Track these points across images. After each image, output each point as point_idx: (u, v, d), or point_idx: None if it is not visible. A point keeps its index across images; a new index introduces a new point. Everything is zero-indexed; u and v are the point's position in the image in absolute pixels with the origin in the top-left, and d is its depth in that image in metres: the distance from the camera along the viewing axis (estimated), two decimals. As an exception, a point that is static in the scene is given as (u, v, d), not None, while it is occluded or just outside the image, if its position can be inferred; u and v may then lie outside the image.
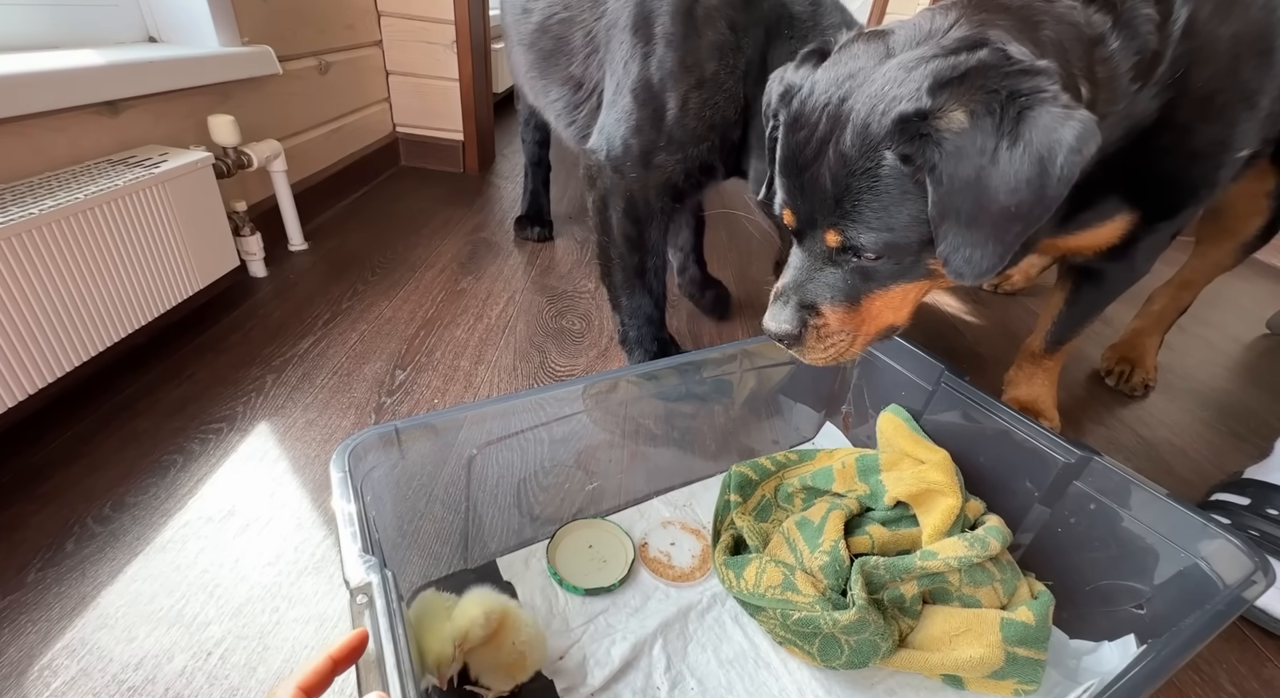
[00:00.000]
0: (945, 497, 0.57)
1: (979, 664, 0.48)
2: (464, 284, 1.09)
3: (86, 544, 0.54)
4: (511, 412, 0.56)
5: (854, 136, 0.37)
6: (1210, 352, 1.11)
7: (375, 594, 0.35)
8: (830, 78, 0.39)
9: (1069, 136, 0.31)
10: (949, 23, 0.37)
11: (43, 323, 0.61)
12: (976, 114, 0.32)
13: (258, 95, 1.06)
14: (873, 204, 0.38)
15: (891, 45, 0.37)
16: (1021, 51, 0.33)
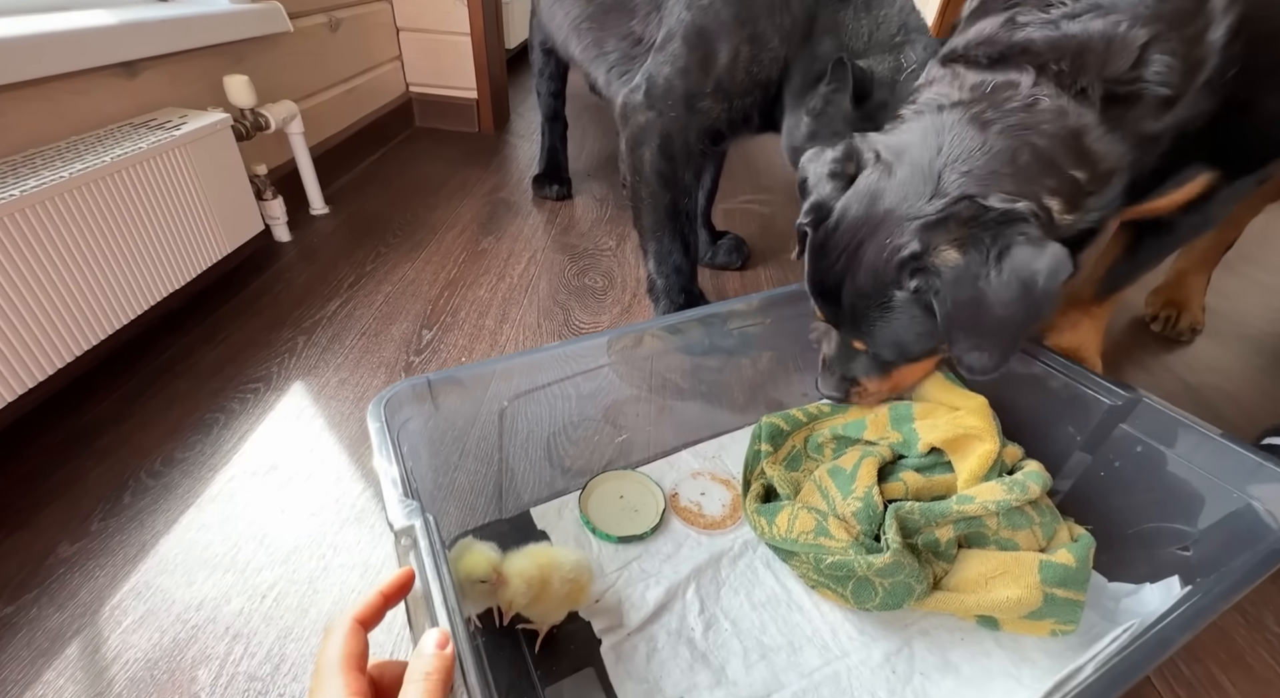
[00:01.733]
0: (982, 442, 0.56)
1: (1016, 605, 0.47)
2: (485, 244, 1.09)
3: (142, 496, 0.57)
4: (540, 365, 0.56)
5: (867, 278, 0.45)
6: (1263, 293, 1.05)
7: (418, 536, 0.35)
8: (850, 220, 0.45)
9: (1044, 266, 0.38)
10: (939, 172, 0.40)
11: (84, 286, 0.62)
12: (966, 249, 0.39)
13: (270, 55, 1.04)
14: (886, 329, 0.47)
15: (894, 189, 0.42)
16: (1000, 198, 0.39)
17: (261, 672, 0.44)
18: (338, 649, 0.28)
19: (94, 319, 0.64)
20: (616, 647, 0.48)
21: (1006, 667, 0.49)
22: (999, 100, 0.40)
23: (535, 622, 0.48)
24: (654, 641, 0.49)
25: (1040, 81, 0.39)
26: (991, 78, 0.40)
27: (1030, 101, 0.39)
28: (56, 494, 0.56)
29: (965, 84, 0.41)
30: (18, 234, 0.55)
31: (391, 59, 1.53)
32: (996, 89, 0.40)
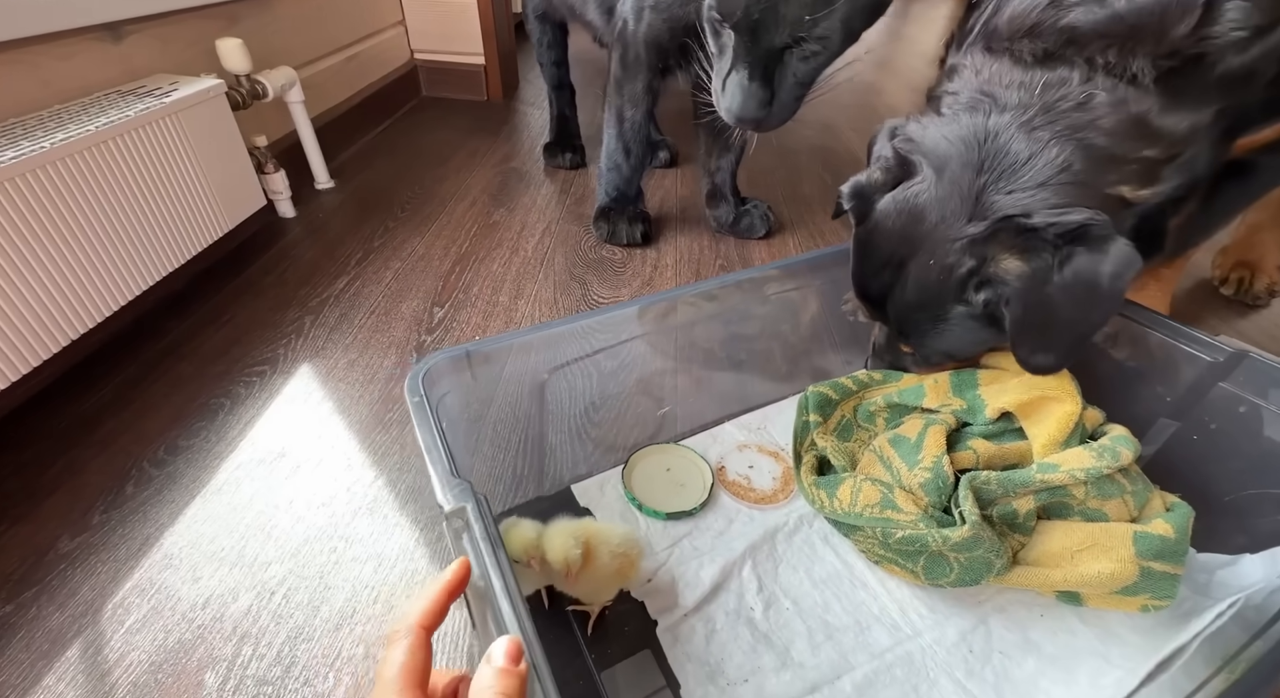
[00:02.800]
0: (1061, 403, 0.50)
1: (1108, 580, 0.43)
2: (497, 217, 1.03)
3: (145, 487, 0.54)
4: (578, 334, 0.53)
5: (916, 293, 0.45)
6: (1342, 258, 0.96)
7: (471, 519, 0.32)
8: (888, 230, 0.45)
9: (1109, 269, 0.37)
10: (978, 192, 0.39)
11: (75, 267, 0.58)
12: (1028, 257, 0.38)
13: (266, 17, 0.98)
14: (938, 339, 0.48)
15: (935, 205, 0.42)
16: (1047, 215, 0.37)
17: (271, 675, 0.41)
18: (401, 664, 0.25)
19: (89, 301, 0.61)
20: (673, 628, 0.46)
21: (1093, 644, 0.46)
22: (1049, 103, 0.37)
23: (586, 603, 0.45)
24: (712, 622, 0.46)
25: (1093, 76, 0.36)
26: (1040, 76, 0.37)
27: (1084, 100, 0.36)
28: (56, 486, 0.53)
29: (1012, 82, 0.38)
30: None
31: (395, 24, 1.46)
32: (1045, 88, 0.37)
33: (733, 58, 0.62)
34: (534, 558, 0.40)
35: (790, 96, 0.66)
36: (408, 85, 1.53)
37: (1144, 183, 0.37)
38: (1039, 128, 0.37)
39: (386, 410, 0.64)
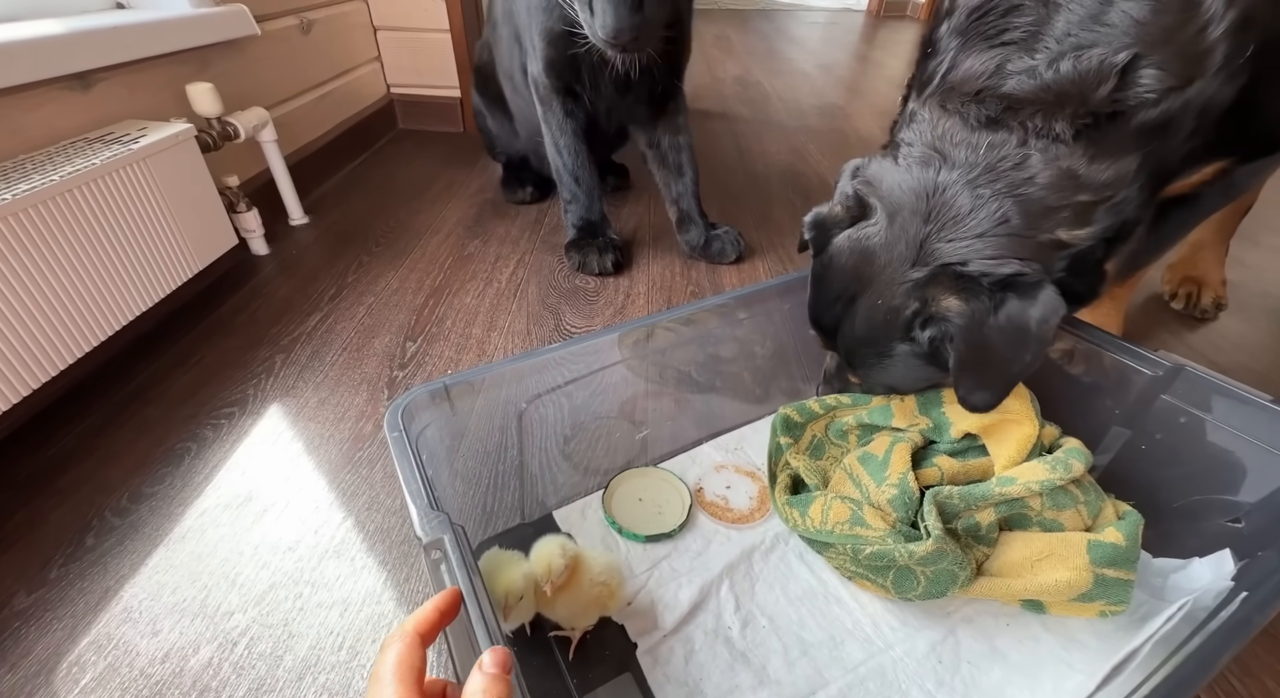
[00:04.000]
0: (1021, 425, 0.52)
1: (1065, 588, 0.45)
2: (471, 248, 1.05)
3: (106, 538, 0.53)
4: (555, 364, 0.54)
5: (865, 328, 0.48)
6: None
7: (449, 550, 0.33)
8: (840, 266, 0.48)
9: (1036, 314, 0.40)
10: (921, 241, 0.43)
11: (36, 316, 0.58)
12: (966, 298, 0.41)
13: (238, 61, 1.00)
14: (882, 374, 0.51)
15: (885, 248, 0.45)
16: (982, 265, 0.41)
17: (232, 730, 0.40)
18: (396, 661, 0.26)
19: (53, 348, 0.60)
20: (653, 650, 0.46)
21: (1056, 651, 0.47)
22: (991, 164, 0.41)
23: (566, 627, 0.46)
24: (691, 642, 0.47)
25: (1030, 138, 0.40)
26: (984, 138, 0.41)
27: (1021, 160, 0.40)
28: (14, 539, 0.52)
29: (960, 141, 0.42)
30: (-43, 263, 0.51)
31: (370, 60, 1.49)
32: (989, 149, 0.41)
33: None
34: (521, 595, 0.41)
35: (658, 1, 0.68)
36: (384, 118, 1.55)
37: (1079, 224, 0.40)
38: (981, 185, 0.41)
39: (356, 449, 0.64)
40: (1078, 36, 0.37)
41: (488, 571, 0.42)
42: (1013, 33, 0.39)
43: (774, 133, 1.66)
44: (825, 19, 3.68)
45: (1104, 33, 0.36)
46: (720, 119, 1.78)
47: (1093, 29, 0.37)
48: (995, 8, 0.40)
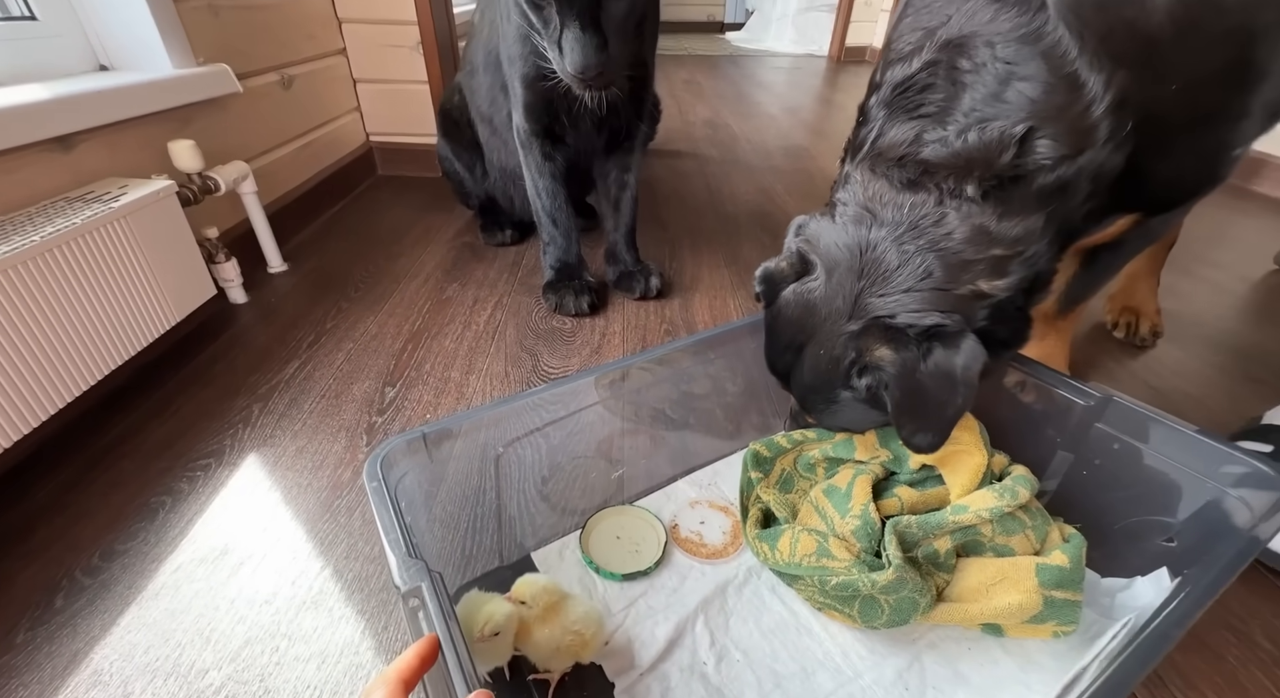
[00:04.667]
0: (971, 455, 0.56)
1: (1018, 611, 0.47)
2: (450, 292, 1.07)
3: (76, 598, 0.53)
4: (531, 408, 0.56)
5: (812, 376, 0.52)
6: (1219, 293, 1.07)
7: (426, 597, 0.35)
8: (787, 318, 0.52)
9: (960, 362, 0.44)
10: (857, 296, 0.47)
11: (10, 374, 0.59)
12: (897, 348, 0.45)
13: (220, 117, 1.03)
14: (832, 418, 0.56)
15: (825, 301, 0.49)
16: (908, 317, 0.45)
17: (205, 793, 0.40)
18: None
19: (25, 406, 0.60)
20: (630, 689, 0.47)
21: (1014, 673, 0.49)
22: (914, 221, 0.45)
23: (543, 669, 0.47)
24: (667, 679, 0.48)
25: (945, 199, 0.44)
26: (908, 199, 0.45)
27: (939, 218, 0.44)
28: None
29: (888, 202, 0.46)
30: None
31: (350, 111, 1.53)
32: (912, 209, 0.45)
33: (559, 20, 0.69)
34: (496, 629, 0.42)
35: (621, 38, 0.73)
36: (363, 165, 1.59)
37: (996, 276, 0.44)
38: (906, 242, 0.45)
39: (335, 497, 0.64)
40: (981, 111, 0.42)
41: (467, 612, 0.43)
42: (928, 107, 0.44)
43: (742, 173, 1.74)
44: (790, 64, 3.87)
45: (1003, 108, 0.41)
46: (691, 159, 1.86)
47: (994, 105, 0.42)
48: (914, 85, 0.45)
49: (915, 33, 0.48)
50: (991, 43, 0.42)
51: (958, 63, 0.43)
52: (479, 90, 1.08)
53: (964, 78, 0.43)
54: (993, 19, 0.42)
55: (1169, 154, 0.46)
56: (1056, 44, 0.40)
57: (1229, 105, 0.44)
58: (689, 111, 2.46)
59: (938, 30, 0.45)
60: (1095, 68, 0.40)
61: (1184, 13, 0.39)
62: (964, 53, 0.43)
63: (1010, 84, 0.41)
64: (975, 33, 0.43)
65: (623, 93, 0.87)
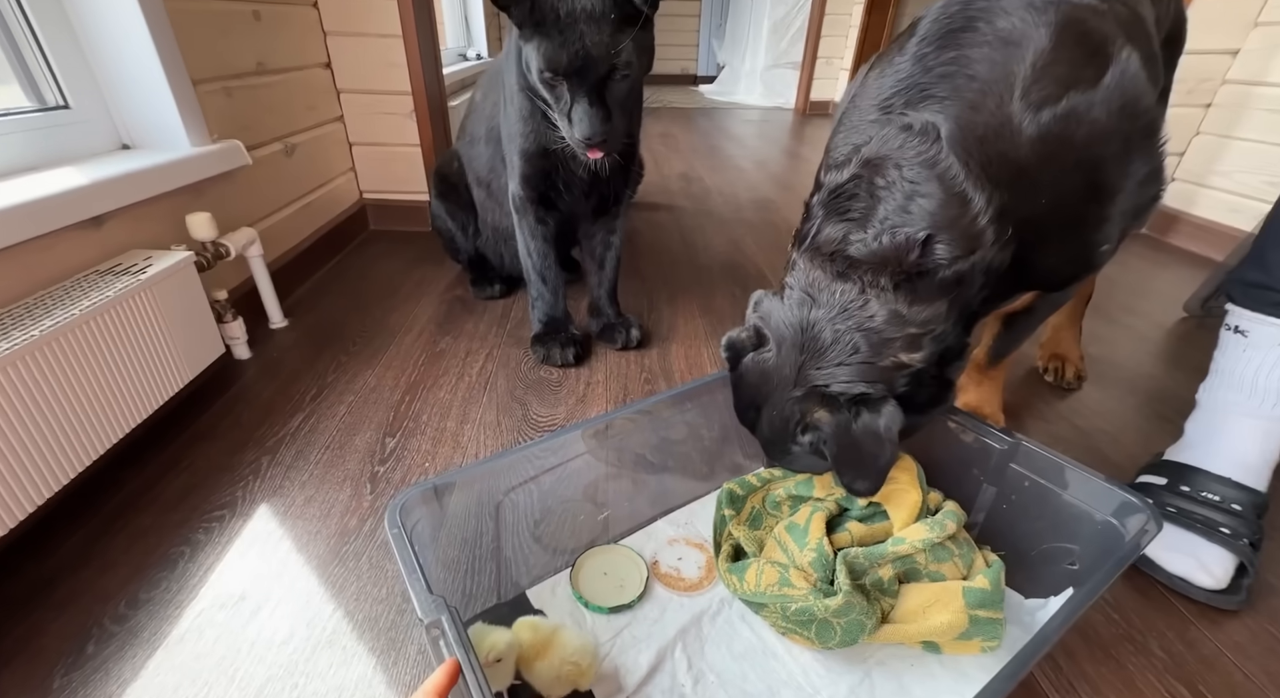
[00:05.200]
0: (909, 493, 0.65)
1: (948, 629, 0.55)
2: (443, 344, 1.14)
3: (106, 645, 0.57)
4: (528, 460, 0.63)
5: (769, 431, 0.60)
6: (1137, 340, 1.20)
7: (446, 628, 0.41)
8: (749, 382, 0.61)
9: (883, 423, 0.53)
10: (800, 366, 0.56)
11: (40, 438, 0.64)
12: (832, 411, 0.55)
13: (229, 187, 1.11)
14: (792, 464, 0.64)
15: (778, 370, 0.58)
16: (840, 386, 0.54)
17: (238, 817, 0.45)
18: None
19: (52, 468, 0.65)
20: None
21: (952, 685, 0.56)
22: (844, 305, 0.54)
23: (545, 695, 0.53)
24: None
25: (867, 289, 0.54)
26: (839, 286, 0.55)
27: (864, 304, 0.54)
28: (15, 653, 0.56)
29: (824, 288, 0.56)
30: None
31: (345, 171, 1.63)
32: (843, 295, 0.55)
33: (570, 97, 0.82)
34: (499, 657, 0.49)
35: (621, 112, 0.86)
36: (357, 222, 1.68)
37: (912, 350, 0.54)
38: (839, 322, 0.54)
39: (343, 543, 0.70)
40: (892, 220, 0.52)
41: (474, 641, 0.50)
42: (853, 213, 0.55)
43: (715, 225, 1.87)
44: (759, 116, 4.12)
45: (909, 218, 0.52)
46: (667, 212, 1.99)
47: (902, 215, 0.52)
48: (844, 193, 0.56)
49: (846, 146, 0.59)
50: (899, 165, 0.53)
51: (874, 179, 0.54)
52: (478, 159, 1.19)
53: (879, 192, 0.54)
54: (901, 146, 0.53)
55: (1047, 251, 0.57)
56: (949, 169, 0.51)
57: (1089, 215, 0.56)
58: (665, 165, 2.62)
59: (862, 148, 0.57)
60: (979, 188, 0.51)
61: (1043, 148, 0.51)
62: (879, 171, 0.54)
63: (914, 199, 0.52)
64: (888, 155, 0.54)
65: (616, 161, 0.99)
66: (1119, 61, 0.51)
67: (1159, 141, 0.57)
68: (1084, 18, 0.53)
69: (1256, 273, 0.71)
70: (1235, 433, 0.72)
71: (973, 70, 0.52)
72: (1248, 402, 0.71)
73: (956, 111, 0.52)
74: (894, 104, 0.56)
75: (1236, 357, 0.72)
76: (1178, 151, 1.76)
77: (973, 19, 0.54)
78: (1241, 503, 0.67)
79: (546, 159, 0.97)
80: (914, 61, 0.56)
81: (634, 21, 0.80)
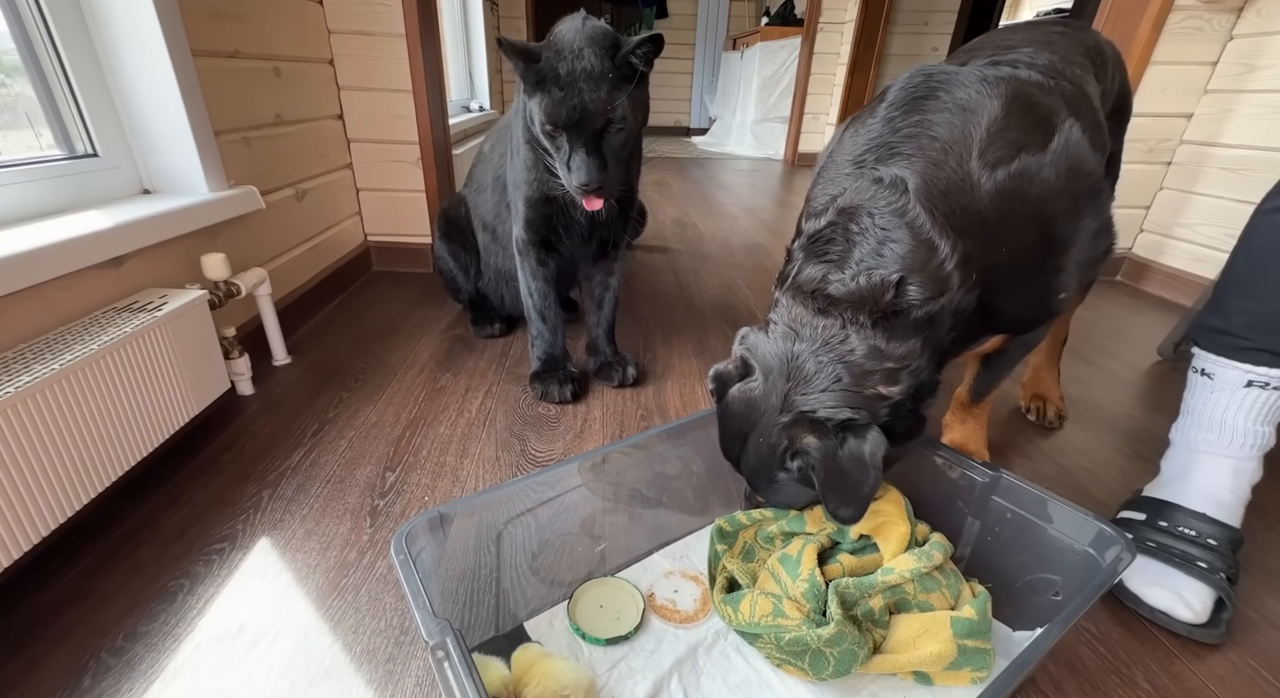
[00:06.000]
0: (897, 525, 0.67)
1: (938, 658, 0.56)
2: (443, 381, 1.17)
3: (103, 678, 0.57)
4: (528, 491, 0.65)
5: (756, 459, 0.62)
6: (1115, 382, 1.25)
7: (451, 649, 0.42)
8: (735, 411, 0.63)
9: (867, 450, 0.55)
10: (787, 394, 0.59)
11: (48, 470, 0.65)
12: (820, 437, 0.56)
13: (242, 229, 1.16)
14: (776, 495, 0.65)
15: (764, 398, 0.60)
16: (826, 412, 0.57)
17: None
18: None
19: (56, 501, 0.66)
20: None
21: None
22: (826, 338, 0.58)
23: None
24: None
25: (847, 324, 0.57)
26: (821, 322, 0.58)
27: (844, 338, 0.57)
28: (14, 686, 0.56)
29: (806, 323, 0.59)
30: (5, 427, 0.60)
31: (351, 215, 1.69)
32: (824, 330, 0.58)
33: (569, 148, 0.87)
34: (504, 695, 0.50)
35: (616, 162, 0.91)
36: (361, 262, 1.73)
37: (891, 383, 0.57)
38: (821, 355, 0.58)
39: (342, 576, 0.70)
40: (867, 262, 0.57)
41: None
42: (831, 255, 0.59)
43: (709, 268, 1.93)
44: (750, 166, 4.30)
45: (882, 261, 0.57)
46: (661, 255, 2.06)
47: (875, 258, 0.57)
48: (821, 238, 0.61)
49: (824, 197, 0.64)
50: (872, 213, 0.58)
51: (849, 226, 0.59)
52: (484, 204, 1.25)
53: (854, 237, 0.58)
54: (873, 196, 0.59)
55: (1009, 297, 0.61)
56: (916, 217, 0.56)
57: (1045, 265, 0.61)
58: (659, 211, 2.72)
59: (837, 198, 0.62)
60: (944, 236, 0.56)
61: (1000, 202, 0.56)
62: (854, 218, 0.59)
63: (886, 244, 0.57)
64: (861, 204, 0.59)
65: (614, 209, 1.05)
66: (1063, 130, 0.58)
67: (1105, 200, 0.62)
68: (1032, 92, 0.59)
69: (1217, 320, 0.75)
70: (1208, 470, 0.75)
71: (935, 132, 0.59)
72: (1218, 441, 0.74)
73: (921, 168, 0.58)
74: (866, 159, 0.62)
75: (1205, 398, 0.76)
76: (1143, 205, 1.86)
77: (934, 89, 0.61)
78: (1217, 538, 0.70)
79: (549, 205, 1.03)
80: (883, 123, 0.62)
81: (630, 80, 0.87)
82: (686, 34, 5.93)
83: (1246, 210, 1.59)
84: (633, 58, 0.86)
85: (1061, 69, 0.66)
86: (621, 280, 1.20)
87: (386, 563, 0.73)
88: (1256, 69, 1.56)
